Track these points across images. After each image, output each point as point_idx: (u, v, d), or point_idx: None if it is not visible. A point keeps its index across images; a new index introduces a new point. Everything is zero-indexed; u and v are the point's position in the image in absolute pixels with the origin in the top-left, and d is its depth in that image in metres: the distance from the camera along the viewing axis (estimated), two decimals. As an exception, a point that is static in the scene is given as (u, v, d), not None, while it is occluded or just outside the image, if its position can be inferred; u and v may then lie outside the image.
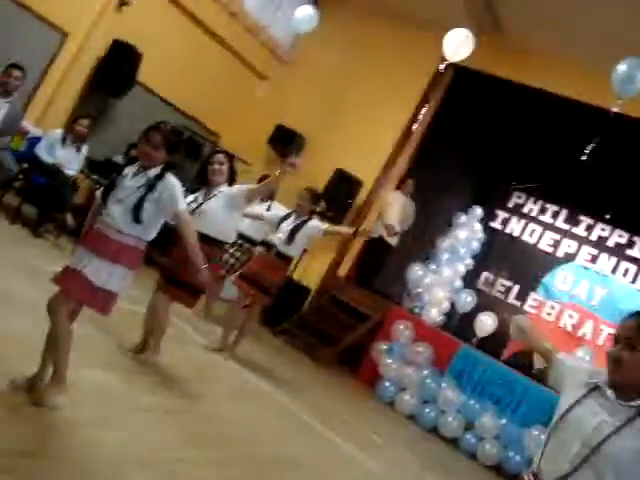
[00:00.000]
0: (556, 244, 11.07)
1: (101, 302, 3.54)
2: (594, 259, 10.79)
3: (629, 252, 10.57)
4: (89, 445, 3.38)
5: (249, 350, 6.93)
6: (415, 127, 10.30)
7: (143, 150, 3.58)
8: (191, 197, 5.14)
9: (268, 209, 7.38)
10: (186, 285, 4.88)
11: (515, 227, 11.47)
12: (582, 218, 10.96)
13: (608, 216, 10.65)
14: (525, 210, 11.49)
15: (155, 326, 5.04)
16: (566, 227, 11.06)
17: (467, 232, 10.56)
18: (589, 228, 10.88)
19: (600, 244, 10.80)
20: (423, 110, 10.27)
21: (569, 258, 10.93)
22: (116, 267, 3.50)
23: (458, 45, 8.10)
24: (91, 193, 8.39)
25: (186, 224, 3.75)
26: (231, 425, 4.77)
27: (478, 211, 10.73)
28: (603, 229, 10.78)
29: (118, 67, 8.85)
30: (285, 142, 10.44)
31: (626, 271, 10.52)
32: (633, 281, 10.44)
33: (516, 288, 11.06)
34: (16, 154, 7.51)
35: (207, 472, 3.80)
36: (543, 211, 11.33)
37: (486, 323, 9.06)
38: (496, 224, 11.46)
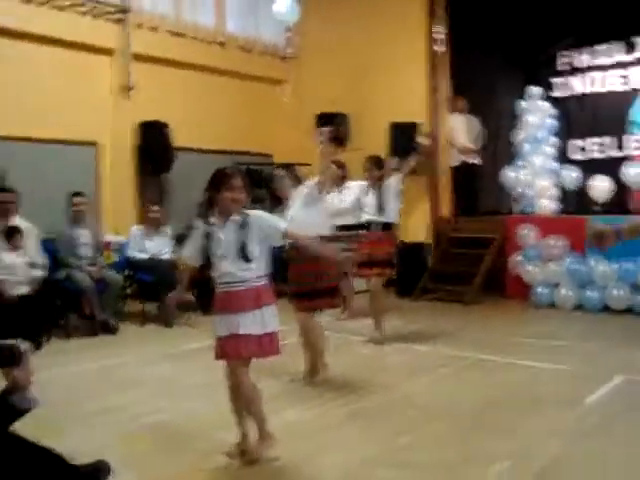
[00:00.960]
0: (625, 78, 10.53)
1: (269, 346, 3.60)
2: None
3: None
4: (321, 476, 3.52)
5: (400, 324, 7.01)
6: (436, 47, 10.16)
7: (233, 197, 3.53)
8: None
9: (340, 193, 7.43)
10: (314, 292, 5.01)
11: (577, 84, 11.00)
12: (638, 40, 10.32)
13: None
14: (577, 64, 11.01)
15: (313, 346, 5.20)
16: (628, 58, 10.48)
17: (535, 114, 10.23)
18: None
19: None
20: (436, 28, 10.14)
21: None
22: (259, 310, 3.56)
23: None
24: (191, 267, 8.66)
25: (294, 234, 3.86)
26: (429, 400, 4.82)
27: (534, 90, 10.37)
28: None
29: (154, 145, 9.17)
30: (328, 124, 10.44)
31: None
32: None
33: (609, 140, 10.59)
34: (113, 266, 7.86)
35: (445, 445, 3.89)
36: (594, 55, 10.77)
37: (602, 187, 8.80)
38: (558, 92, 11.01)
